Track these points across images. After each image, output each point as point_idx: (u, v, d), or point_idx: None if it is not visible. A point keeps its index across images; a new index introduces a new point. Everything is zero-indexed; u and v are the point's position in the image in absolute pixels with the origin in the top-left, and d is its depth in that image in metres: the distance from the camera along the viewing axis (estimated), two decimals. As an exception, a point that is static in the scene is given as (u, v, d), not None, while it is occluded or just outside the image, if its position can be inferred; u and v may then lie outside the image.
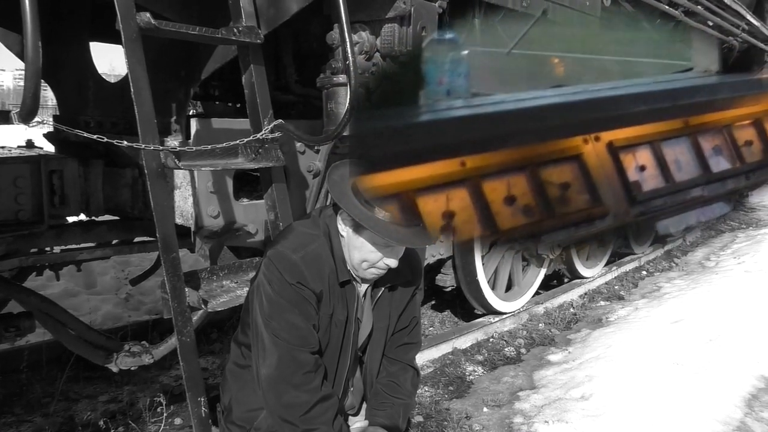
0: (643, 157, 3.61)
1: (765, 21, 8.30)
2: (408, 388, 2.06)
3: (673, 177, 3.70)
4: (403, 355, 2.09)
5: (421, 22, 2.89)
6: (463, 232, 3.17)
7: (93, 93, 3.14)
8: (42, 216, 2.69)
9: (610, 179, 3.41)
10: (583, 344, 4.21)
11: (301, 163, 2.91)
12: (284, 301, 1.80)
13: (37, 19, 1.73)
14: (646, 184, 3.60)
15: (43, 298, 2.73)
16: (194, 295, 2.28)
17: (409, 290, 2.04)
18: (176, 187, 2.58)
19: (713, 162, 3.91)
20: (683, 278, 6.04)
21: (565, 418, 3.07)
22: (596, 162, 3.35)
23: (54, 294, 4.41)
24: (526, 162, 3.13)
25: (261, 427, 1.92)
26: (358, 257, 1.83)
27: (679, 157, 3.76)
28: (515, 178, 3.10)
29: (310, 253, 1.83)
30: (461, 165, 2.88)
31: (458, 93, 2.99)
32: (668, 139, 3.73)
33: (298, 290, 1.80)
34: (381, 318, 2.00)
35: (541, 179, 3.17)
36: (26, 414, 3.17)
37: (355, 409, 2.10)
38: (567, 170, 3.29)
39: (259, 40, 2.43)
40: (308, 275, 1.81)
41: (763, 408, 3.33)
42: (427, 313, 5.05)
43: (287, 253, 1.83)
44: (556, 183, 3.21)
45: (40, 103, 1.83)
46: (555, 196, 3.20)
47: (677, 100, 3.79)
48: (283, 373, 1.79)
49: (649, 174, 3.62)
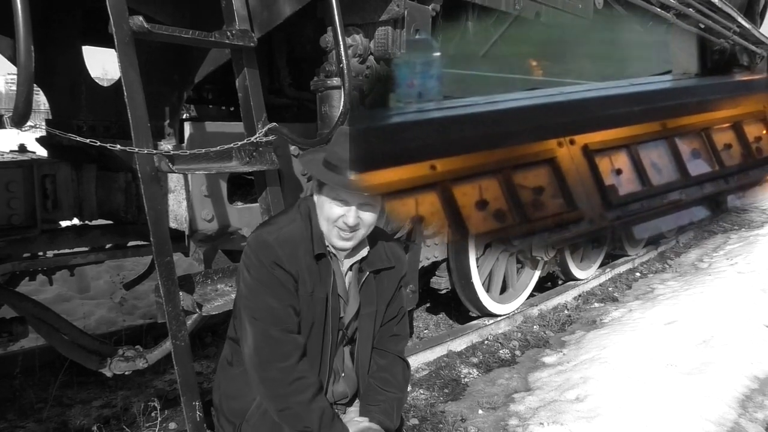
0: (619, 160, 3.57)
1: (756, 23, 8.37)
2: (400, 380, 2.08)
3: (650, 181, 3.67)
4: (392, 346, 2.10)
5: (414, 25, 2.90)
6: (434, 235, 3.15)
7: (86, 97, 3.14)
8: (35, 220, 2.68)
9: (585, 183, 3.37)
10: (578, 346, 4.22)
11: (296, 166, 2.91)
12: (260, 284, 1.84)
13: (29, 23, 1.73)
14: (623, 188, 3.57)
15: (36, 303, 2.72)
16: (188, 299, 2.28)
17: (394, 279, 2.07)
18: (170, 191, 2.58)
19: (691, 165, 3.89)
20: (676, 280, 6.07)
21: (560, 419, 3.08)
22: (571, 165, 3.31)
23: (47, 299, 4.39)
24: (498, 165, 3.10)
25: (251, 420, 1.92)
26: (323, 218, 1.89)
27: (657, 160, 3.74)
28: (487, 182, 3.06)
29: (284, 234, 1.88)
30: (431, 168, 2.85)
31: (430, 95, 2.97)
32: (645, 142, 3.70)
33: (273, 271, 1.83)
34: (368, 303, 2.02)
35: (514, 183, 3.13)
36: (19, 420, 3.15)
37: (348, 399, 2.11)
38: (541, 174, 3.25)
39: (253, 44, 2.43)
40: (282, 255, 1.84)
41: (757, 409, 3.34)
42: (422, 315, 5.05)
43: (262, 236, 1.88)
44: (530, 187, 3.18)
45: (32, 108, 1.83)
46: (528, 200, 3.17)
47: (655, 103, 3.76)
48: (261, 352, 1.83)
49: (626, 178, 3.58)
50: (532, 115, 3.22)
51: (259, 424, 1.91)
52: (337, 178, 1.81)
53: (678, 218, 3.86)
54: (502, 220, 3.13)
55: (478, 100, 3.14)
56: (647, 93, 3.75)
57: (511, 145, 3.13)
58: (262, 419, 1.91)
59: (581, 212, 3.32)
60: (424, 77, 2.94)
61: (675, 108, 3.86)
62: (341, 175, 1.81)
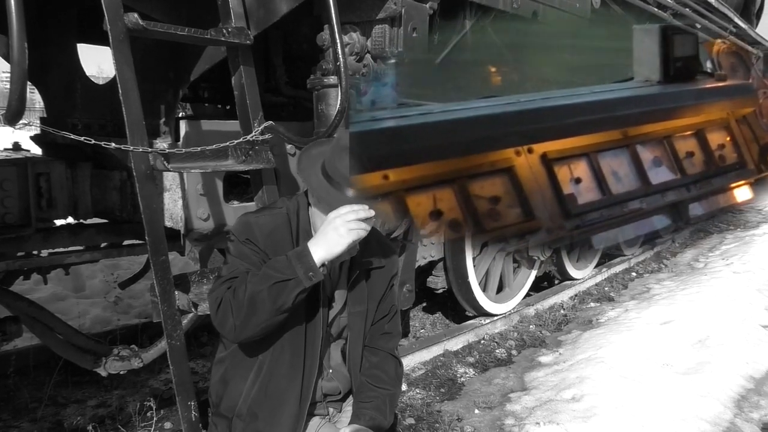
0: (578, 169, 3.54)
1: (752, 23, 8.39)
2: (392, 377, 2.07)
3: (610, 189, 3.64)
4: (384, 344, 2.10)
5: (412, 23, 2.89)
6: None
7: (81, 95, 3.12)
8: (29, 219, 2.67)
9: (544, 192, 3.33)
10: (574, 345, 4.22)
11: (292, 164, 2.90)
12: (232, 254, 1.85)
13: (23, 20, 1.71)
14: (582, 197, 3.52)
15: (30, 302, 2.70)
16: (184, 298, 2.27)
17: (385, 278, 2.06)
18: (166, 190, 2.56)
19: (653, 174, 3.86)
20: (672, 279, 6.08)
21: (556, 419, 3.08)
22: (529, 174, 3.27)
23: (42, 298, 4.37)
24: (453, 175, 3.06)
25: (242, 413, 1.91)
26: (319, 222, 1.86)
27: (617, 168, 3.70)
28: (441, 192, 3.03)
29: (264, 219, 1.88)
30: (384, 179, 2.82)
31: (383, 103, 2.93)
32: (605, 150, 3.67)
33: (247, 245, 1.84)
34: (358, 302, 2.01)
35: (470, 193, 3.10)
36: (13, 419, 3.14)
37: (341, 395, 2.10)
38: (497, 183, 3.20)
39: (249, 41, 2.42)
40: (259, 236, 1.84)
41: (753, 408, 3.35)
42: (418, 315, 5.05)
43: (244, 218, 1.90)
44: (486, 196, 3.14)
45: (26, 106, 1.81)
46: (484, 210, 3.14)
47: (615, 111, 3.73)
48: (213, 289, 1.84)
49: (585, 186, 3.54)
50: (489, 123, 3.18)
51: (249, 419, 1.91)
52: (341, 202, 1.77)
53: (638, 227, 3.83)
54: (457, 230, 3.10)
55: (434, 108, 3.10)
56: (608, 101, 3.72)
57: (467, 154, 3.09)
58: (251, 414, 1.90)
59: (539, 222, 3.29)
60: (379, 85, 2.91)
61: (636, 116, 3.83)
62: (343, 194, 1.78)
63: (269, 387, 1.89)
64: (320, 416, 2.05)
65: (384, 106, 2.90)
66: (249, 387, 1.91)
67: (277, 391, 1.89)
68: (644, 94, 4.05)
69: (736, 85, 4.83)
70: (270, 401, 1.89)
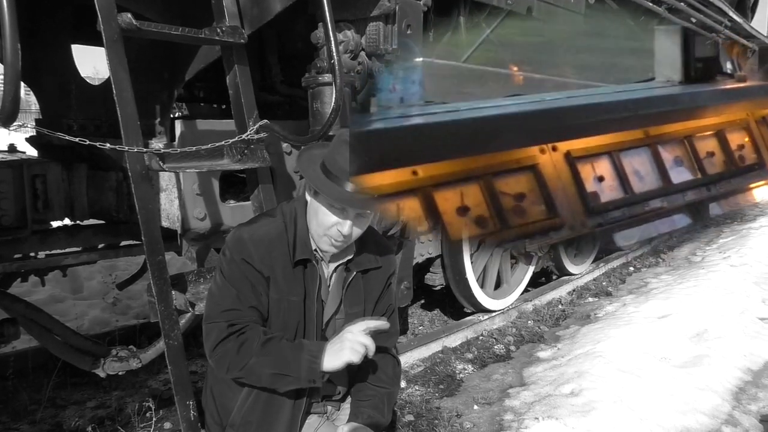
0: (601, 167, 3.57)
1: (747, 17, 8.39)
2: (390, 376, 2.07)
3: (632, 188, 3.67)
4: (382, 342, 2.09)
5: (406, 20, 2.89)
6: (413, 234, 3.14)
7: (76, 96, 3.11)
8: (25, 221, 2.67)
9: (567, 190, 3.37)
10: (572, 340, 4.23)
11: (288, 163, 2.90)
12: (227, 281, 1.85)
13: (16, 21, 1.71)
14: (604, 195, 3.56)
15: (27, 304, 2.70)
16: (181, 298, 2.27)
17: (381, 278, 2.06)
18: (162, 190, 2.56)
19: (674, 173, 3.89)
20: (670, 273, 6.09)
21: (555, 414, 3.08)
22: (553, 172, 3.31)
23: (40, 300, 4.37)
24: (480, 172, 3.09)
25: (235, 423, 1.91)
26: (315, 223, 1.86)
27: (639, 167, 3.74)
28: (469, 188, 3.06)
29: (259, 233, 1.87)
30: (413, 174, 2.84)
31: (412, 101, 2.95)
32: (628, 149, 3.70)
33: (242, 267, 1.83)
34: (355, 303, 2.00)
35: (496, 189, 3.13)
36: (13, 422, 3.13)
37: (340, 396, 2.11)
38: (522, 180, 3.25)
39: (243, 40, 2.42)
40: (254, 254, 1.83)
41: (751, 401, 3.36)
42: (416, 312, 5.05)
43: (239, 233, 1.89)
44: (511, 193, 3.18)
45: (20, 107, 1.81)
46: (509, 206, 3.16)
47: (638, 110, 3.75)
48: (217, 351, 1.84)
49: (608, 184, 3.58)
50: (514, 122, 3.20)
51: (242, 429, 1.91)
52: (338, 191, 1.78)
53: (659, 226, 3.86)
54: (483, 226, 3.12)
55: (461, 105, 3.12)
56: (630, 101, 3.75)
57: (493, 152, 3.12)
58: (245, 422, 1.90)
59: (562, 219, 3.32)
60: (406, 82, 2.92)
61: (658, 116, 3.85)
62: (341, 187, 1.78)
63: (262, 394, 1.89)
64: (318, 414, 2.05)
65: (412, 104, 2.93)
66: (244, 397, 1.92)
67: (270, 398, 1.89)
68: (666, 94, 4.09)
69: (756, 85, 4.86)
70: (263, 408, 1.89)
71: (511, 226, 3.17)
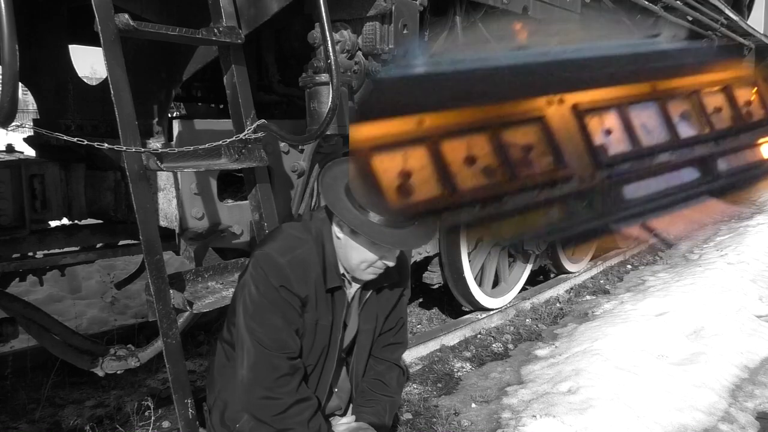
0: (608, 120, 3.56)
1: (743, 15, 8.40)
2: (394, 386, 2.08)
3: (640, 141, 3.66)
4: (389, 354, 2.10)
5: (402, 20, 2.90)
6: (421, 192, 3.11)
7: (73, 96, 3.12)
8: (23, 221, 2.67)
9: (575, 142, 3.35)
10: (570, 339, 4.24)
11: (286, 163, 2.91)
12: (267, 303, 1.81)
13: (13, 21, 1.71)
14: (612, 148, 3.56)
15: (26, 304, 2.71)
16: (179, 297, 2.27)
17: (396, 292, 2.05)
18: (160, 189, 2.57)
19: (681, 127, 3.88)
20: (667, 271, 6.10)
21: (553, 412, 3.09)
22: (560, 124, 3.29)
23: (38, 299, 4.37)
24: (486, 122, 3.08)
25: (244, 429, 1.92)
26: (357, 258, 1.84)
27: (646, 121, 3.72)
28: (475, 139, 3.04)
29: (296, 257, 1.84)
30: (419, 123, 2.83)
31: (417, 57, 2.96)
32: (635, 103, 3.70)
33: (282, 293, 1.80)
34: (367, 320, 2.01)
35: (503, 140, 3.11)
36: (11, 421, 3.14)
37: (342, 410, 2.11)
38: (529, 132, 3.22)
39: (240, 40, 2.43)
40: (293, 279, 1.81)
41: (747, 398, 3.37)
42: (414, 310, 5.06)
43: (274, 255, 1.84)
44: (518, 144, 3.16)
45: (18, 107, 1.82)
46: (517, 157, 3.15)
47: (645, 64, 3.75)
48: (258, 376, 1.80)
49: (615, 138, 3.57)
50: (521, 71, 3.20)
51: None
52: (394, 238, 1.76)
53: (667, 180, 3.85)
54: (491, 177, 3.10)
55: (467, 56, 3.13)
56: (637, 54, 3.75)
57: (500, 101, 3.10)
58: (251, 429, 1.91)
59: (571, 171, 3.31)
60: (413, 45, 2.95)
61: (666, 70, 3.85)
62: (384, 226, 1.76)
63: None
64: None
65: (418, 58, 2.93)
66: None
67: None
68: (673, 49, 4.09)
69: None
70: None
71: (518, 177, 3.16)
